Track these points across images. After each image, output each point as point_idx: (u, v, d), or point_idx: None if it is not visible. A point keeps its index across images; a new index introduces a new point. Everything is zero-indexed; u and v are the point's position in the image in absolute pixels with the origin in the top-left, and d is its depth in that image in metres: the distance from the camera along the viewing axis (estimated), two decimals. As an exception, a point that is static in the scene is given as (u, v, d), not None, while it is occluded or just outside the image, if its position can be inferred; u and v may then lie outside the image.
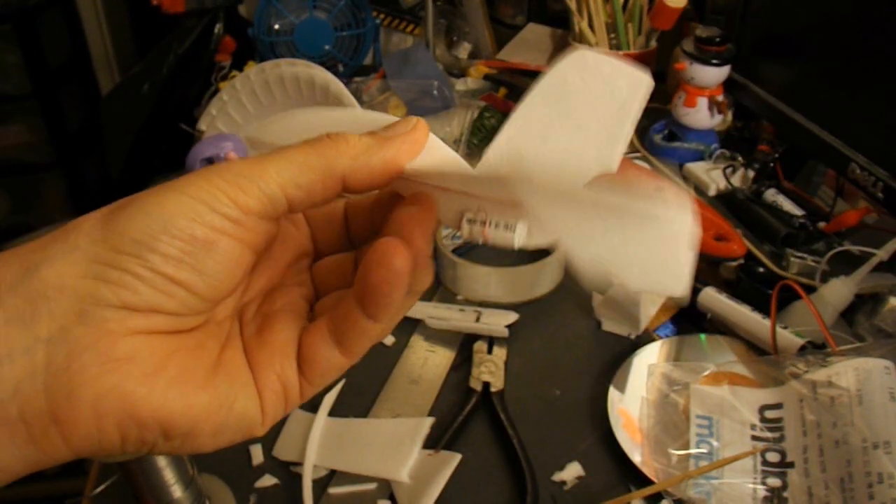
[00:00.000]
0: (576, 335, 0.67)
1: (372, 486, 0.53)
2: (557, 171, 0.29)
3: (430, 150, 0.29)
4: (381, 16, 1.25)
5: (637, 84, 0.30)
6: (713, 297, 0.65)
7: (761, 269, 0.69)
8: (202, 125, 0.93)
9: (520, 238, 0.27)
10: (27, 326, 0.22)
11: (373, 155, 0.26)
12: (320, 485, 0.53)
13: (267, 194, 0.25)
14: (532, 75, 1.17)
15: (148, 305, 0.23)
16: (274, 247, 0.29)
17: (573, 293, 0.72)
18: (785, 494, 0.49)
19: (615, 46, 1.02)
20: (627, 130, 0.30)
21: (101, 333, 0.22)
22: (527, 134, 0.30)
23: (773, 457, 0.51)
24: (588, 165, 0.30)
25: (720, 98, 0.91)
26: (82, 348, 0.22)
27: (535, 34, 1.25)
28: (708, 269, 0.73)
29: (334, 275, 0.32)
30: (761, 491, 0.49)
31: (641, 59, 0.99)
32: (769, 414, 0.54)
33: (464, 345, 0.65)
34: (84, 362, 0.22)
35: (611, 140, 0.30)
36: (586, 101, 0.30)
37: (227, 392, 0.25)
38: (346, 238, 0.32)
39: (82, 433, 0.22)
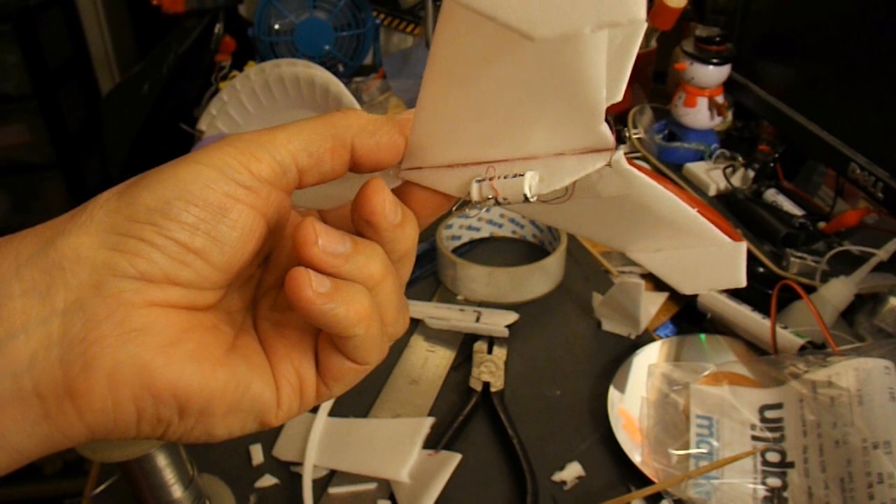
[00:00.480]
0: (576, 335, 0.67)
1: (372, 486, 0.53)
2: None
3: None
4: (381, 16, 1.25)
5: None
6: (713, 297, 0.65)
7: (761, 269, 0.69)
8: (202, 125, 0.93)
9: (531, 185, 0.25)
10: (43, 298, 0.22)
11: (382, 130, 0.27)
12: (320, 485, 0.53)
13: (278, 161, 0.25)
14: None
15: (164, 275, 0.23)
16: (286, 242, 0.29)
17: (573, 293, 0.72)
18: (785, 494, 0.49)
19: (615, 46, 1.02)
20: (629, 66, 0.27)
21: (118, 304, 0.22)
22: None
23: (773, 457, 0.51)
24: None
25: (720, 100, 0.91)
26: (99, 319, 0.22)
27: (535, 34, 1.25)
28: (708, 269, 0.73)
29: None
30: (761, 491, 0.49)
31: (641, 59, 0.99)
32: (769, 414, 0.54)
33: (464, 345, 0.65)
34: (101, 332, 0.22)
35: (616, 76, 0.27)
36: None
37: (244, 373, 0.25)
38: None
39: (97, 407, 0.22)
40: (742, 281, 0.28)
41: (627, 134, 0.97)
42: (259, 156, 0.25)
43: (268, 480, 0.54)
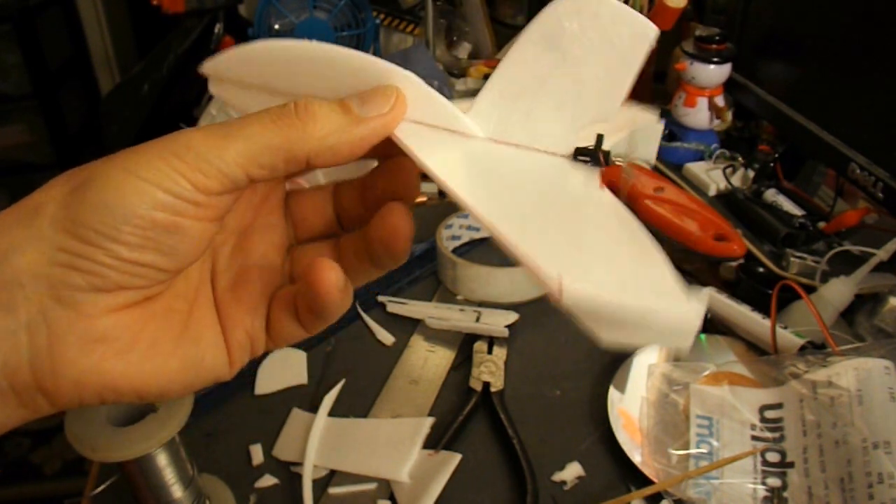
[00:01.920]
0: (576, 335, 0.67)
1: (372, 486, 0.53)
2: (554, 120, 0.28)
3: (418, 106, 0.27)
4: (381, 16, 1.25)
5: (641, 33, 0.27)
6: (713, 297, 0.65)
7: (761, 269, 0.69)
8: (202, 125, 0.93)
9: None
10: (8, 311, 0.23)
11: (342, 136, 0.26)
12: (320, 485, 0.53)
13: (228, 175, 0.24)
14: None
15: (117, 285, 0.24)
16: (244, 197, 0.30)
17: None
18: (785, 494, 0.49)
19: (615, 46, 1.02)
20: (628, 84, 0.28)
21: (78, 316, 0.24)
22: (519, 82, 0.28)
23: (773, 457, 0.51)
24: (586, 116, 0.28)
25: (720, 103, 0.91)
26: (62, 331, 0.24)
27: (535, 34, 1.25)
28: (708, 269, 0.73)
29: (313, 211, 0.32)
30: (761, 491, 0.49)
31: (641, 59, 0.99)
32: (769, 414, 0.54)
33: (464, 345, 0.65)
34: (64, 345, 0.24)
35: (610, 94, 0.28)
36: (583, 49, 0.27)
37: (195, 354, 0.27)
38: None
39: (65, 400, 0.25)
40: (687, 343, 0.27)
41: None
42: (207, 172, 0.24)
43: (268, 480, 0.54)
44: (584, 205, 0.28)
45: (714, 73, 0.89)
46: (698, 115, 0.92)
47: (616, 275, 0.24)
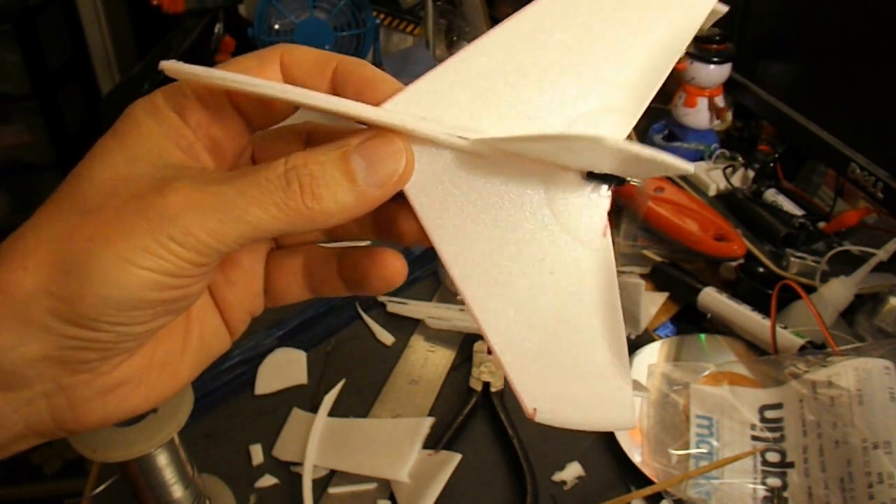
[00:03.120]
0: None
1: (372, 486, 0.53)
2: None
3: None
4: (381, 16, 1.25)
5: None
6: (713, 297, 0.65)
7: (761, 269, 0.69)
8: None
9: None
10: (22, 387, 0.23)
11: (345, 215, 0.24)
12: (320, 485, 0.53)
13: (225, 252, 0.24)
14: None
15: (125, 349, 0.25)
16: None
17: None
18: (785, 494, 0.49)
19: (615, 46, 1.02)
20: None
21: (93, 377, 0.24)
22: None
23: (773, 457, 0.51)
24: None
25: (720, 103, 0.91)
26: (79, 392, 0.24)
27: (535, 34, 1.25)
28: (708, 269, 0.73)
29: None
30: (761, 491, 0.49)
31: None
32: (769, 414, 0.54)
33: (464, 345, 0.65)
34: (83, 399, 0.24)
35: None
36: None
37: (200, 346, 0.28)
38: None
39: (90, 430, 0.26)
40: (631, 424, 0.28)
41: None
42: (206, 253, 0.23)
43: (268, 480, 0.54)
44: (575, 289, 0.28)
45: (714, 73, 0.89)
46: (698, 115, 0.92)
47: (580, 398, 0.27)
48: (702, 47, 0.89)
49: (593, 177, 0.27)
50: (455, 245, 0.27)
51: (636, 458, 0.52)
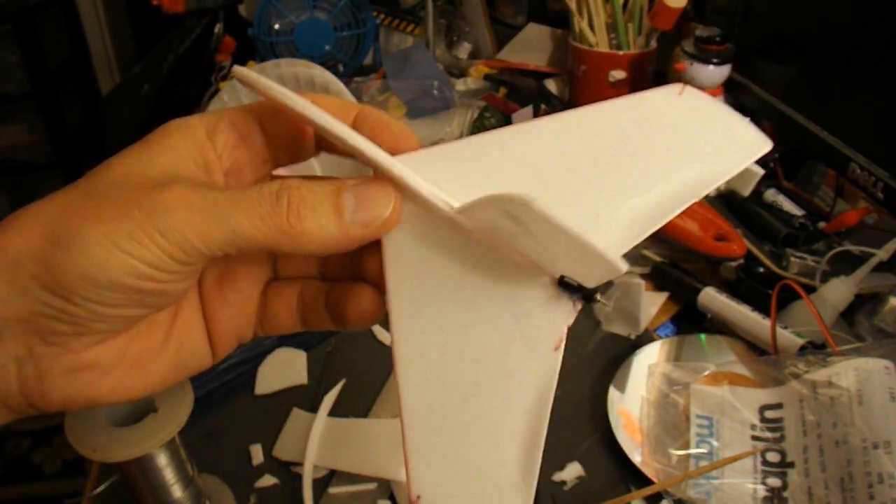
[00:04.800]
0: (576, 335, 0.67)
1: (372, 486, 0.53)
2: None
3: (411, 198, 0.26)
4: (381, 16, 1.25)
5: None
6: (713, 297, 0.65)
7: (761, 269, 0.69)
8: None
9: None
10: None
11: (327, 243, 0.25)
12: (320, 485, 0.53)
13: (208, 255, 0.24)
14: (532, 75, 1.18)
15: (101, 331, 0.25)
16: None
17: (573, 293, 0.71)
18: (785, 494, 0.49)
19: (615, 46, 1.02)
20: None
21: (63, 352, 0.25)
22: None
23: (773, 457, 0.51)
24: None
25: (720, 101, 0.91)
26: (48, 364, 0.24)
27: (535, 34, 1.25)
28: (708, 269, 0.73)
29: None
30: (761, 491, 0.49)
31: (641, 59, 0.99)
32: (769, 414, 0.54)
33: (464, 345, 0.65)
34: (51, 374, 0.25)
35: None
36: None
37: (178, 356, 0.28)
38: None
39: (54, 412, 0.26)
40: None
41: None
42: (189, 251, 0.24)
43: (268, 480, 0.54)
44: (516, 380, 0.27)
45: (714, 73, 0.89)
46: (698, 115, 0.92)
47: (468, 501, 0.26)
48: (702, 48, 0.89)
49: (564, 286, 0.26)
50: (406, 302, 0.27)
51: (636, 458, 0.52)
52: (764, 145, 0.28)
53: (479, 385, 0.26)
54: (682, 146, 0.28)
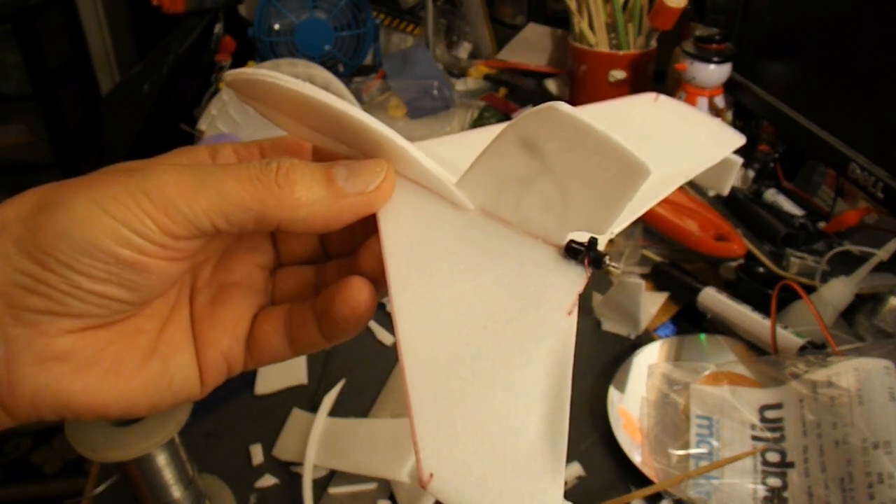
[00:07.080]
0: (576, 335, 0.67)
1: (372, 486, 0.53)
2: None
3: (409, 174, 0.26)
4: (381, 16, 1.25)
5: (631, 172, 0.23)
6: (713, 297, 0.65)
7: (761, 269, 0.69)
8: (202, 125, 0.93)
9: None
10: None
11: (317, 209, 0.25)
12: (320, 485, 0.53)
13: (194, 224, 0.24)
14: (532, 75, 1.18)
15: (77, 313, 0.24)
16: None
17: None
18: (785, 494, 0.49)
19: (615, 46, 1.02)
20: (616, 213, 0.25)
21: (35, 334, 0.23)
22: (505, 171, 0.26)
23: (773, 457, 0.51)
24: (575, 224, 0.26)
25: (720, 104, 0.91)
26: (19, 347, 0.23)
27: (535, 34, 1.25)
28: (708, 269, 0.73)
29: (297, 241, 0.31)
30: (761, 491, 0.49)
31: (641, 59, 0.99)
32: (769, 414, 0.54)
33: (464, 345, 0.65)
34: (21, 361, 0.23)
35: (598, 214, 0.25)
36: (565, 166, 0.25)
37: (162, 374, 0.26)
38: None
39: (24, 415, 0.24)
40: None
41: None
42: (175, 217, 0.24)
43: (268, 480, 0.54)
44: (531, 343, 0.26)
45: (714, 73, 0.89)
46: (698, 115, 0.92)
47: (491, 483, 0.23)
48: (702, 47, 0.89)
49: (571, 252, 0.26)
50: (405, 272, 0.26)
51: (636, 458, 0.52)
52: (737, 139, 0.28)
53: (490, 351, 0.25)
54: (661, 141, 0.28)
